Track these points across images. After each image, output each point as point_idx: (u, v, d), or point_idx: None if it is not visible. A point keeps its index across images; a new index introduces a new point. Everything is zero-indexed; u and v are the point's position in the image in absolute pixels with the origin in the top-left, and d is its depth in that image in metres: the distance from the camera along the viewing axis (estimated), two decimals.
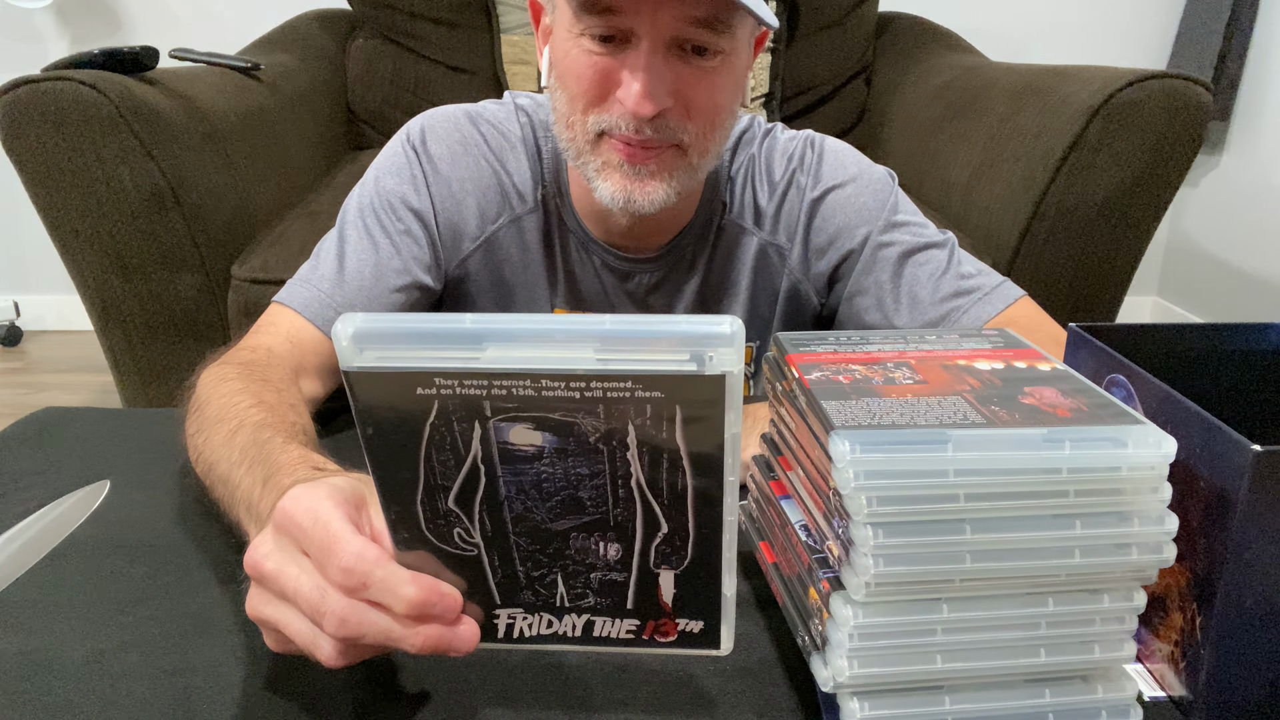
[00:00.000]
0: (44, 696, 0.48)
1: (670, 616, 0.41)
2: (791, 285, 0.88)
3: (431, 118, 0.86)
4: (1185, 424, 0.46)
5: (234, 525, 0.55)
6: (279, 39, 2.01)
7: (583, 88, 0.72)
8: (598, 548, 0.39)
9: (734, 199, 0.87)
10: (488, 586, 0.41)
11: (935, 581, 0.42)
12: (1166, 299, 2.67)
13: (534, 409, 0.35)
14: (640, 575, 0.40)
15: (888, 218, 0.85)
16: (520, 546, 0.40)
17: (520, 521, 0.39)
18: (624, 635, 0.42)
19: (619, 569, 0.40)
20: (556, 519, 0.39)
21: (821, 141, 0.88)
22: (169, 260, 1.40)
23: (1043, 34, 2.49)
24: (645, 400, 0.35)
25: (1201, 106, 1.37)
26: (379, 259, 0.81)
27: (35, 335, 2.64)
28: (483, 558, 0.40)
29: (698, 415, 0.35)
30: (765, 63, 2.04)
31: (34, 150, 1.30)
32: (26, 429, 0.78)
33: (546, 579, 0.41)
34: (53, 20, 2.42)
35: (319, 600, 0.40)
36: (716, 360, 0.34)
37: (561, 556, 0.40)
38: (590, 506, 0.38)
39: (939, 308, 0.82)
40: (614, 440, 0.36)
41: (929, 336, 0.53)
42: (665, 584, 0.40)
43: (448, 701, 0.47)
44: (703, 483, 0.37)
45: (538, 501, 0.38)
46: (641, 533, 0.39)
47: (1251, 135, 2.34)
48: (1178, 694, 0.48)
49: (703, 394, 0.35)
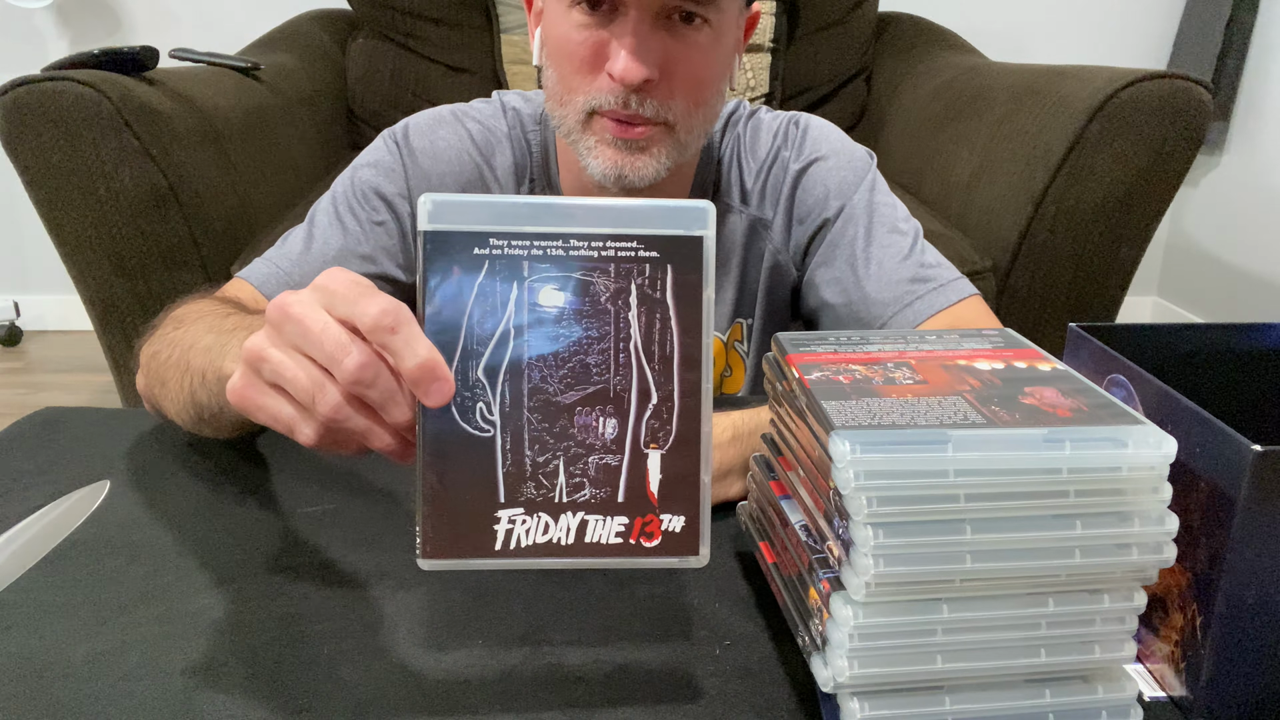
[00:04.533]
0: (44, 697, 0.48)
1: (655, 511, 0.45)
2: (773, 257, 0.90)
3: (417, 115, 0.88)
4: (1185, 424, 0.46)
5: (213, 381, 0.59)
6: (279, 39, 2.01)
7: (574, 63, 0.73)
8: (598, 424, 0.44)
9: (722, 178, 0.89)
10: (495, 481, 0.44)
11: (935, 582, 0.42)
12: (1166, 299, 2.67)
13: (564, 268, 0.43)
14: (632, 458, 0.45)
15: (863, 194, 0.86)
16: (531, 424, 0.44)
17: (535, 394, 0.44)
18: (613, 540, 0.45)
19: (614, 450, 0.44)
20: (566, 390, 0.44)
21: (806, 119, 0.90)
22: (169, 260, 1.40)
23: (1043, 34, 2.49)
24: (645, 260, 0.43)
25: (1201, 106, 1.37)
26: (345, 242, 0.82)
27: (35, 335, 2.64)
28: (496, 440, 0.44)
29: (682, 275, 0.43)
30: (765, 63, 2.04)
31: (34, 150, 1.30)
32: (26, 429, 0.78)
33: (550, 465, 0.44)
34: (53, 20, 2.42)
35: (339, 340, 0.41)
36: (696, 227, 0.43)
37: (566, 436, 0.44)
38: (596, 374, 0.44)
39: (895, 289, 0.83)
40: (620, 299, 0.44)
41: (929, 337, 0.53)
42: (653, 469, 0.45)
43: (447, 701, 0.47)
44: (686, 343, 0.44)
45: (553, 369, 0.44)
46: (635, 403, 0.44)
47: (1251, 135, 2.34)
48: (1178, 694, 0.48)
49: (687, 253, 0.43)
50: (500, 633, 0.53)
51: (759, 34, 2.03)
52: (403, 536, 0.62)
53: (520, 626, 0.53)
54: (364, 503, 0.66)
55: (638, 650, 0.51)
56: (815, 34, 2.10)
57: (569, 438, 0.44)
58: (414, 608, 0.55)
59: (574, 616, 0.54)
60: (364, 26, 2.11)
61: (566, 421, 0.44)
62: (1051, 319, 1.52)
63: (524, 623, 0.54)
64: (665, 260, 0.43)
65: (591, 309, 0.44)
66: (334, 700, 0.47)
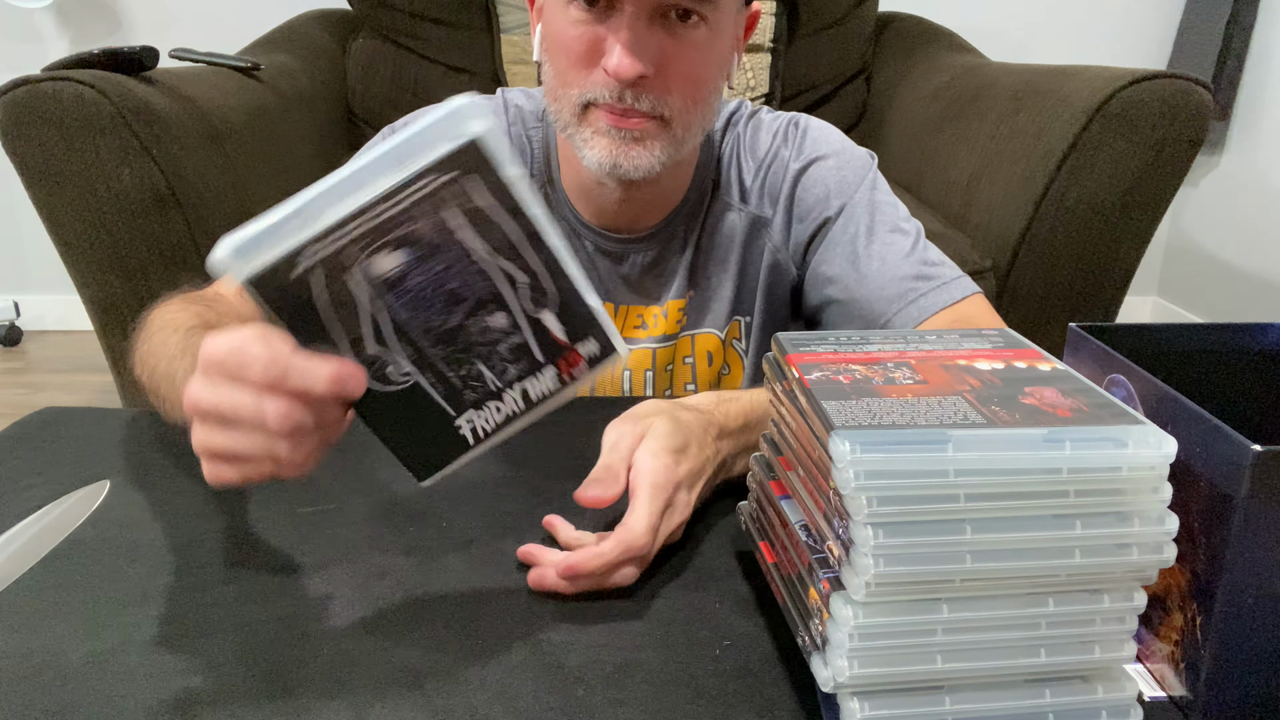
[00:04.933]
0: (44, 696, 0.48)
1: (571, 347, 0.51)
2: (772, 256, 0.90)
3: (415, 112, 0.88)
4: (1185, 424, 0.46)
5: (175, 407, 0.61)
6: (279, 39, 2.01)
7: (570, 58, 0.74)
8: (491, 321, 0.49)
9: (722, 177, 0.89)
10: (439, 406, 0.50)
11: (935, 581, 0.42)
12: (1166, 299, 2.67)
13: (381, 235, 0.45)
14: (532, 326, 0.50)
15: (865, 193, 0.86)
16: (439, 356, 0.49)
17: (428, 334, 0.48)
18: (552, 387, 0.51)
19: (514, 331, 0.50)
20: (449, 316, 0.48)
21: (806, 120, 0.90)
22: (169, 260, 1.40)
23: (1043, 34, 2.49)
24: (446, 184, 0.45)
25: (1201, 106, 1.37)
26: None
27: (35, 335, 2.64)
28: (420, 382, 0.50)
29: (485, 176, 0.45)
30: (765, 63, 2.04)
31: (34, 150, 1.30)
32: (26, 429, 0.78)
33: (472, 370, 0.50)
34: (53, 20, 2.42)
35: (258, 406, 0.46)
36: (469, 129, 0.44)
37: (471, 345, 0.49)
38: (464, 291, 0.48)
39: (898, 286, 0.83)
40: (442, 229, 0.46)
41: (929, 337, 0.53)
42: (551, 324, 0.50)
43: (447, 701, 0.47)
44: (522, 223, 0.47)
45: (429, 309, 0.48)
46: (510, 291, 0.49)
47: (1251, 135, 2.34)
48: (1178, 694, 0.48)
49: (473, 157, 0.44)
50: (500, 633, 0.53)
51: (759, 34, 2.03)
52: (403, 537, 0.62)
53: (520, 626, 0.53)
54: (364, 503, 0.66)
55: (638, 650, 0.51)
56: (815, 34, 2.10)
57: (474, 344, 0.50)
58: (414, 607, 0.55)
59: (574, 616, 0.54)
60: (364, 26, 2.11)
61: (465, 334, 0.49)
62: (1051, 319, 1.52)
63: (524, 623, 0.54)
64: (461, 175, 0.45)
65: (428, 249, 0.46)
66: (334, 700, 0.47)
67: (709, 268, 0.90)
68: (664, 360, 0.91)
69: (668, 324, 0.90)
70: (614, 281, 0.89)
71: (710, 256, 0.89)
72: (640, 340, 0.91)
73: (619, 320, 0.90)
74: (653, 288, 0.90)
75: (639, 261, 0.88)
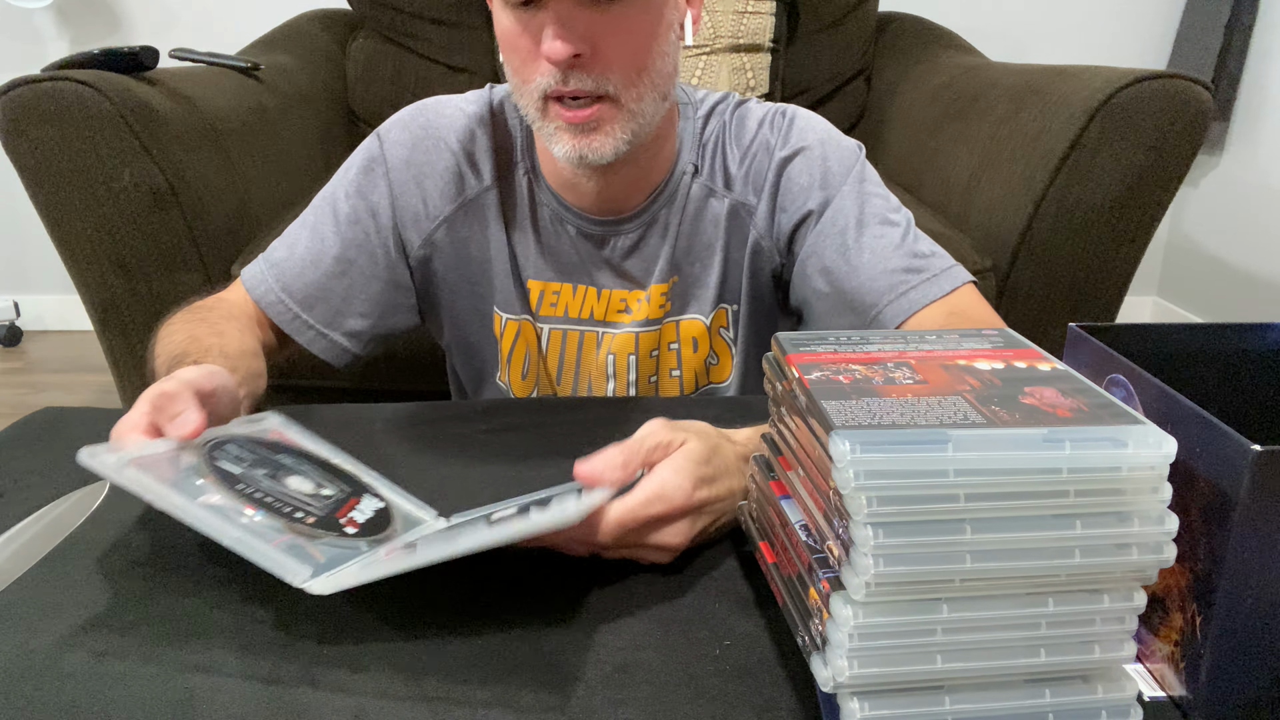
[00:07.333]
0: (44, 696, 0.48)
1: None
2: (755, 242, 0.90)
3: (402, 110, 0.92)
4: (1185, 424, 0.46)
5: None
6: (279, 39, 2.01)
7: (519, 54, 0.77)
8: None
9: (704, 163, 0.90)
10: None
11: (935, 581, 0.42)
12: (1166, 299, 2.67)
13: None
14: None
15: (852, 185, 0.86)
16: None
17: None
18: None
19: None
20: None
21: (794, 109, 0.91)
22: (169, 260, 1.40)
23: (1043, 34, 2.49)
24: None
25: (1201, 106, 1.37)
26: (321, 248, 0.88)
27: (35, 335, 2.64)
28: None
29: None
30: (765, 63, 2.05)
31: (34, 150, 1.30)
32: (26, 429, 0.78)
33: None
34: (53, 20, 2.42)
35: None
36: None
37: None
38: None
39: (888, 278, 0.83)
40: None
41: (929, 337, 0.53)
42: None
43: (447, 702, 0.47)
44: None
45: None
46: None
47: (1251, 135, 2.34)
48: (1178, 694, 0.48)
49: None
50: (500, 633, 0.53)
51: (759, 34, 2.03)
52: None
53: (520, 627, 0.53)
54: None
55: (638, 650, 0.51)
56: (815, 34, 2.10)
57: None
58: (414, 607, 0.55)
59: (574, 616, 0.54)
60: (364, 26, 2.11)
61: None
62: (1051, 319, 1.52)
63: (524, 623, 0.54)
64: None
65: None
66: (334, 700, 0.47)
67: (692, 253, 0.90)
68: (648, 345, 0.92)
69: (651, 308, 0.90)
70: (597, 264, 0.90)
71: (694, 242, 0.90)
72: (624, 325, 0.91)
73: (603, 305, 0.91)
74: (636, 272, 0.91)
75: (621, 245, 0.89)
